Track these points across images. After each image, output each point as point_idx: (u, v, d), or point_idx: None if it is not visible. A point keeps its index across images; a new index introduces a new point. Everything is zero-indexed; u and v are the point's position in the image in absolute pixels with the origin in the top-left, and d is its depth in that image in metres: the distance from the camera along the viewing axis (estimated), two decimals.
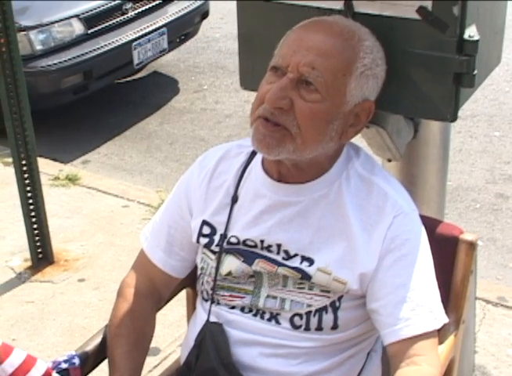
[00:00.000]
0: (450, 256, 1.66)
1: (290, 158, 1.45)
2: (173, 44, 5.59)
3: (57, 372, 1.48)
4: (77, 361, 1.53)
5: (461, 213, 3.96)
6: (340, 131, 1.44)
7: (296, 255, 1.49)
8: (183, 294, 1.86)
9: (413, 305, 1.41)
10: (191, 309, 1.85)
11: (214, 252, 1.58)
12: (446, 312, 1.49)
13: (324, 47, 1.40)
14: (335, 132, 1.43)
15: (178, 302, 1.88)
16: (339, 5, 1.54)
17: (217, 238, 1.57)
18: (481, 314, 3.01)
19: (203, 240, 1.59)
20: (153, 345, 1.66)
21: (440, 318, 1.45)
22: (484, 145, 4.67)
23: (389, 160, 1.93)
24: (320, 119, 1.41)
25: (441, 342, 1.57)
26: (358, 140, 1.66)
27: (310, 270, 1.47)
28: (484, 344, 2.86)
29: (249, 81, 1.73)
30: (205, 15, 5.88)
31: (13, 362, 1.39)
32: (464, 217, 3.92)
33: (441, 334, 1.54)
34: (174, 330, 2.95)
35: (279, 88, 1.40)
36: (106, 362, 1.59)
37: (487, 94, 5.18)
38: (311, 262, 1.48)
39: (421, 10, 1.46)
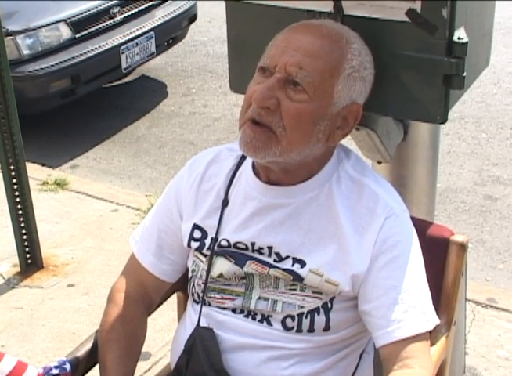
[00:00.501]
0: (441, 258, 1.66)
1: (278, 161, 1.45)
2: (161, 48, 5.59)
3: None
4: (68, 367, 1.52)
5: (450, 215, 3.98)
6: (327, 133, 1.44)
7: (287, 257, 1.49)
8: (173, 298, 1.85)
9: (406, 306, 1.41)
10: (182, 313, 1.84)
11: (205, 255, 1.57)
12: (437, 314, 1.49)
13: (312, 48, 1.40)
14: (322, 134, 1.43)
15: (168, 306, 1.87)
16: (329, 8, 1.54)
17: (208, 242, 1.56)
18: (471, 315, 3.01)
19: (194, 244, 1.58)
20: (143, 349, 1.65)
21: (432, 319, 1.45)
22: (472, 147, 4.69)
23: (379, 163, 1.93)
24: (306, 120, 1.41)
25: (432, 344, 1.57)
26: (348, 143, 1.66)
27: (302, 272, 1.47)
28: (475, 345, 2.87)
29: (239, 84, 1.73)
30: (193, 18, 5.88)
31: (4, 368, 1.39)
32: (453, 219, 3.93)
33: (432, 335, 1.54)
34: (164, 335, 2.94)
35: (267, 88, 1.40)
36: (97, 367, 1.59)
37: (474, 96, 5.21)
38: (302, 263, 1.47)
39: (410, 13, 1.46)
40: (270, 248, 1.50)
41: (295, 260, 1.48)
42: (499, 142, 4.71)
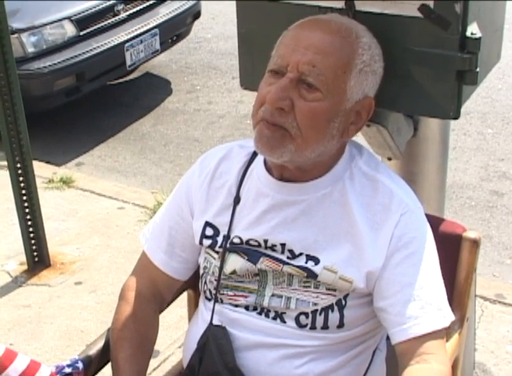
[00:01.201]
0: (453, 254, 1.66)
1: (294, 160, 1.44)
2: (165, 45, 5.58)
3: None
4: (80, 365, 1.52)
5: (457, 211, 3.97)
6: (341, 129, 1.44)
7: (301, 254, 1.49)
8: (182, 295, 1.84)
9: (422, 303, 1.41)
10: (192, 310, 1.84)
11: (217, 252, 1.57)
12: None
13: (323, 45, 1.40)
14: (336, 130, 1.43)
15: (177, 303, 1.86)
16: (340, 4, 1.53)
17: (220, 239, 1.56)
18: (480, 311, 3.01)
19: (207, 242, 1.58)
20: None
21: (448, 316, 1.45)
22: (477, 142, 4.68)
23: (389, 159, 1.93)
24: (321, 118, 1.40)
25: (446, 341, 1.57)
26: (357, 139, 1.65)
27: (316, 269, 1.46)
28: (484, 341, 2.86)
29: (249, 81, 1.72)
30: (197, 15, 5.87)
31: (17, 368, 1.38)
32: (460, 214, 3.92)
33: (446, 332, 1.54)
34: (173, 332, 2.94)
35: (280, 89, 1.39)
36: (109, 366, 1.58)
37: (479, 91, 5.19)
38: (316, 260, 1.47)
39: (423, 8, 1.45)
40: (283, 245, 1.50)
41: (309, 257, 1.48)
42: (504, 138, 4.70)
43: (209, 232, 1.57)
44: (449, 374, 1.40)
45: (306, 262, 1.48)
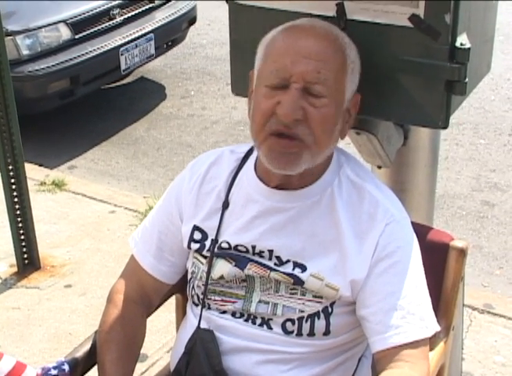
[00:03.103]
0: (440, 263, 1.66)
1: (307, 168, 1.45)
2: (160, 50, 5.59)
3: None
4: (66, 368, 1.52)
5: (447, 220, 3.98)
6: (341, 130, 1.48)
7: (288, 261, 1.49)
8: (171, 300, 1.85)
9: (404, 313, 1.41)
10: (180, 315, 1.84)
11: (205, 257, 1.57)
12: (436, 319, 1.48)
13: (320, 51, 1.41)
14: (338, 132, 1.47)
15: (165, 308, 1.87)
16: (331, 13, 1.54)
17: (208, 243, 1.56)
18: (468, 321, 3.02)
19: (195, 246, 1.58)
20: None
21: (431, 326, 1.45)
22: (470, 153, 4.70)
23: (379, 167, 1.93)
24: (331, 122, 1.43)
25: (431, 349, 1.57)
26: (346, 147, 1.67)
27: (303, 276, 1.47)
28: (471, 351, 2.87)
29: (241, 86, 1.72)
30: (192, 21, 5.88)
31: (2, 368, 1.39)
32: (450, 224, 3.93)
33: (431, 340, 1.54)
34: (161, 337, 2.94)
35: (293, 101, 1.39)
36: (95, 368, 1.58)
37: (472, 102, 5.21)
38: (303, 268, 1.47)
39: (414, 18, 1.46)
40: (271, 252, 1.50)
41: (296, 264, 1.48)
42: (496, 149, 4.72)
43: (197, 236, 1.58)
44: None
45: (293, 269, 1.48)
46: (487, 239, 3.82)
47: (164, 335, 2.94)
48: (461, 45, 1.47)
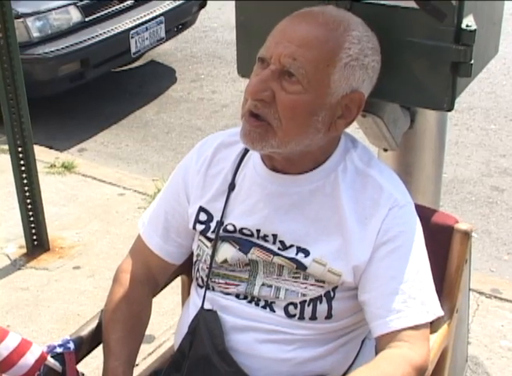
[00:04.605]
0: (445, 245, 1.66)
1: (278, 152, 1.45)
2: (170, 33, 5.58)
3: (52, 356, 1.49)
4: (71, 346, 1.53)
5: (456, 205, 3.98)
6: (327, 123, 1.42)
7: (291, 246, 1.50)
8: (177, 282, 1.86)
9: (405, 297, 1.41)
10: (186, 296, 1.85)
11: (209, 239, 1.58)
12: (440, 301, 1.48)
13: (306, 38, 1.39)
14: (321, 124, 1.41)
15: (172, 290, 1.88)
16: None
17: (213, 225, 1.57)
18: (475, 305, 3.02)
19: (200, 227, 1.59)
20: (147, 332, 1.66)
21: (432, 311, 1.44)
22: (480, 138, 4.68)
23: (385, 150, 1.93)
24: (302, 111, 1.39)
25: (434, 331, 1.58)
26: (355, 132, 1.66)
27: (305, 261, 1.47)
28: (478, 335, 2.87)
29: (246, 68, 1.72)
30: (203, 4, 5.87)
31: (8, 345, 1.40)
32: (459, 209, 3.93)
33: (434, 322, 1.55)
34: (168, 318, 2.96)
35: (260, 80, 1.40)
36: (100, 347, 1.60)
37: (484, 87, 5.19)
38: (306, 253, 1.48)
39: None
40: (275, 236, 1.51)
41: (299, 249, 1.49)
42: (507, 134, 4.70)
43: (203, 217, 1.59)
44: (422, 364, 1.38)
45: (296, 254, 1.48)
46: (495, 224, 3.81)
47: (170, 317, 2.96)
48: (467, 26, 1.46)
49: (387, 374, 1.34)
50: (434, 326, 1.57)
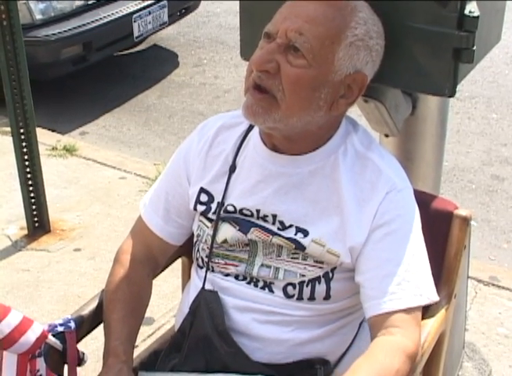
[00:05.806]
0: (444, 231, 1.67)
1: (279, 128, 1.45)
2: (173, 17, 5.58)
3: (53, 335, 1.50)
4: (72, 325, 1.54)
5: (456, 193, 3.99)
6: (329, 101, 1.44)
7: (291, 226, 1.51)
8: (178, 265, 1.87)
9: (399, 279, 1.42)
10: (186, 277, 1.87)
11: (210, 220, 1.59)
12: (438, 287, 1.49)
13: (314, 14, 1.40)
14: (323, 102, 1.43)
15: (173, 273, 1.89)
16: None
17: (214, 206, 1.58)
18: (473, 293, 3.03)
19: (201, 208, 1.60)
20: (147, 314, 1.68)
21: (426, 295, 1.45)
22: (481, 127, 4.68)
23: (386, 136, 1.94)
24: (305, 85, 1.40)
25: (432, 316, 1.59)
26: (358, 118, 1.67)
27: (304, 241, 1.48)
28: (475, 322, 2.89)
29: (249, 51, 1.72)
30: None
31: (10, 322, 1.41)
32: (460, 197, 3.94)
33: (432, 307, 1.56)
34: (168, 301, 2.98)
35: (267, 52, 1.41)
36: (101, 326, 1.61)
37: (486, 76, 5.19)
38: (305, 233, 1.49)
39: None
40: (274, 216, 1.52)
41: (298, 229, 1.50)
42: (508, 123, 4.71)
43: (203, 198, 1.60)
44: (415, 351, 1.39)
45: (295, 234, 1.49)
46: (495, 213, 3.83)
47: (170, 300, 2.98)
48: (470, 12, 1.47)
49: (386, 367, 1.34)
50: (431, 310, 1.59)
